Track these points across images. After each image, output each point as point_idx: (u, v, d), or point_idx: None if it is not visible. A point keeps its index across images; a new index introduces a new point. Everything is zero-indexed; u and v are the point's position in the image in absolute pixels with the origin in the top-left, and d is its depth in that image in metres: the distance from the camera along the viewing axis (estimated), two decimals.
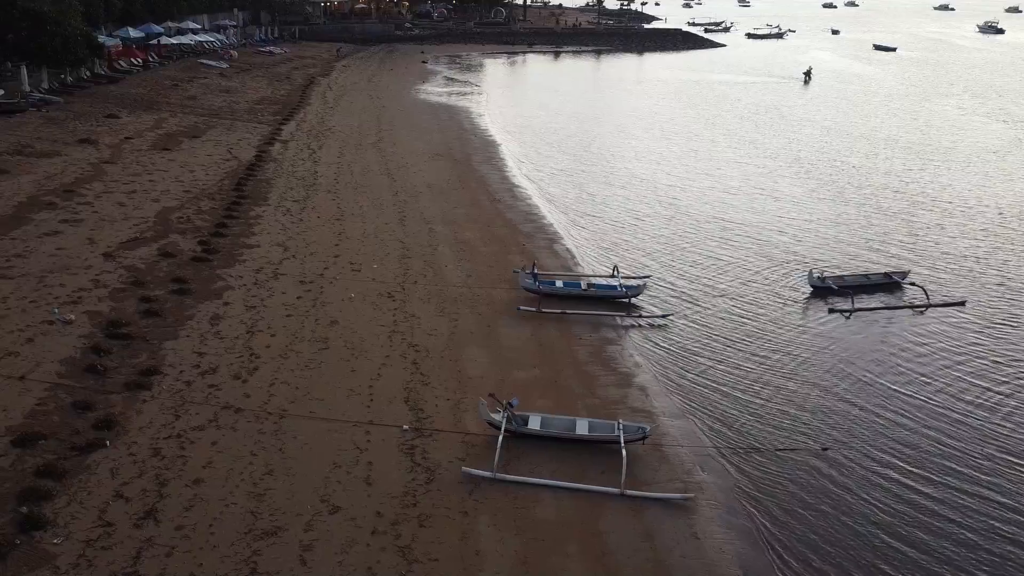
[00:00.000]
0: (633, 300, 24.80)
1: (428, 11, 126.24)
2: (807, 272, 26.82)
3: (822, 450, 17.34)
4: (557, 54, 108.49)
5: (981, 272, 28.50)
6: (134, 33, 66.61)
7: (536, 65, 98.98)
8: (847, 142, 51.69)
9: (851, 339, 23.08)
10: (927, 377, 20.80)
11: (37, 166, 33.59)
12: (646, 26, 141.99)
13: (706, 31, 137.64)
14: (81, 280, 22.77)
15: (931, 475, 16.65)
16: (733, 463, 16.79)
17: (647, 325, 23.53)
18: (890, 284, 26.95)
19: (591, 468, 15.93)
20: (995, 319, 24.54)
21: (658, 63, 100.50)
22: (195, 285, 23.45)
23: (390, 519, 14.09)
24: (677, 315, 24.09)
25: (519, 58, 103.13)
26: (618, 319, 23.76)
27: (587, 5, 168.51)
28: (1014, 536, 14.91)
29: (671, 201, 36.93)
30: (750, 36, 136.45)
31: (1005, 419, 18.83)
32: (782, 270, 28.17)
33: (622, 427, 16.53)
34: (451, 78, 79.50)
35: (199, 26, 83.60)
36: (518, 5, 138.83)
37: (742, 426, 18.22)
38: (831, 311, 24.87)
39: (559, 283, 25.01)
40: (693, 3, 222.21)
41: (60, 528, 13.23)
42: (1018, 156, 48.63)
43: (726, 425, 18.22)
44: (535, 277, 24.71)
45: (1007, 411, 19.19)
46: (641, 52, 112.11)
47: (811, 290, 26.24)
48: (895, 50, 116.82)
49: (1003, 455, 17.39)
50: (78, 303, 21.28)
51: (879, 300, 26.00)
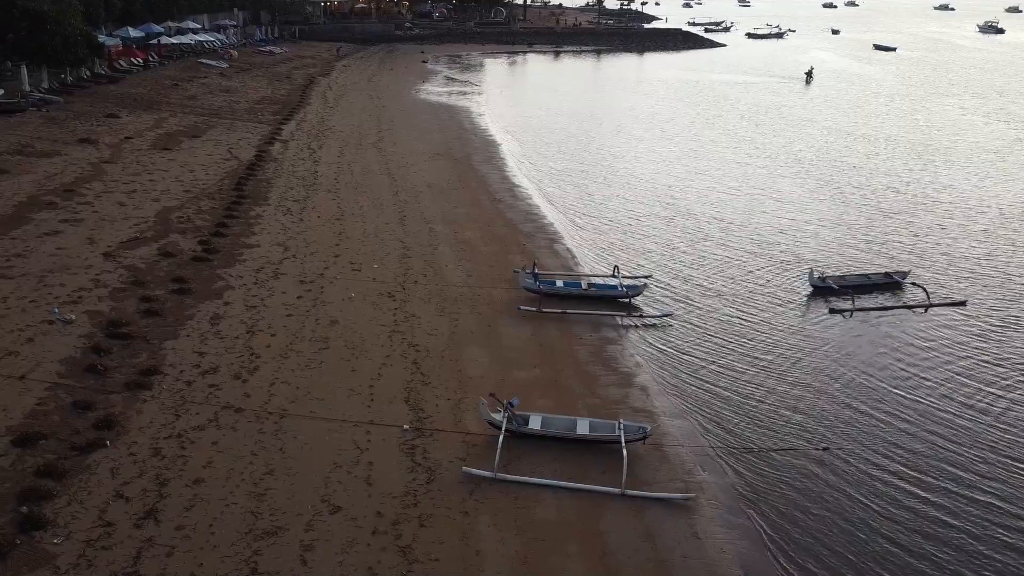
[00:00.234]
0: (633, 300, 24.80)
1: (428, 11, 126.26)
2: (807, 272, 26.81)
3: (823, 450, 17.33)
4: (557, 54, 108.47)
5: (982, 272, 28.49)
6: (134, 33, 66.63)
7: (536, 65, 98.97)
8: (847, 142, 51.68)
9: (851, 339, 23.08)
10: (927, 377, 20.78)
11: (37, 166, 33.58)
12: (646, 26, 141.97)
13: (706, 31, 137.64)
14: (81, 280, 22.76)
15: (931, 475, 16.64)
16: (734, 463, 16.78)
17: (648, 325, 23.52)
18: (891, 284, 26.95)
19: (592, 468, 15.92)
20: (996, 319, 24.54)
21: (658, 63, 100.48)
22: (195, 285, 23.44)
23: (391, 519, 14.08)
24: (677, 315, 24.09)
25: (519, 58, 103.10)
26: (618, 319, 23.76)
27: (587, 5, 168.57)
28: (1014, 538, 14.89)
29: (671, 201, 36.92)
30: (750, 36, 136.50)
31: (1006, 420, 18.81)
32: (782, 270, 28.17)
33: (623, 427, 16.53)
34: (451, 78, 79.48)
35: (199, 26, 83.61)
36: (518, 5, 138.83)
37: (743, 426, 18.20)
38: (831, 311, 24.87)
39: (559, 283, 25.01)
40: (693, 3, 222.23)
41: (60, 528, 13.22)
42: (1019, 156, 48.62)
43: (727, 425, 18.21)
44: (535, 277, 24.71)
45: (1008, 412, 19.17)
46: (641, 52, 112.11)
47: (811, 290, 26.24)
48: (895, 50, 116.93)
49: (1003, 456, 17.37)
50: (78, 303, 21.27)
51: (880, 300, 25.99)
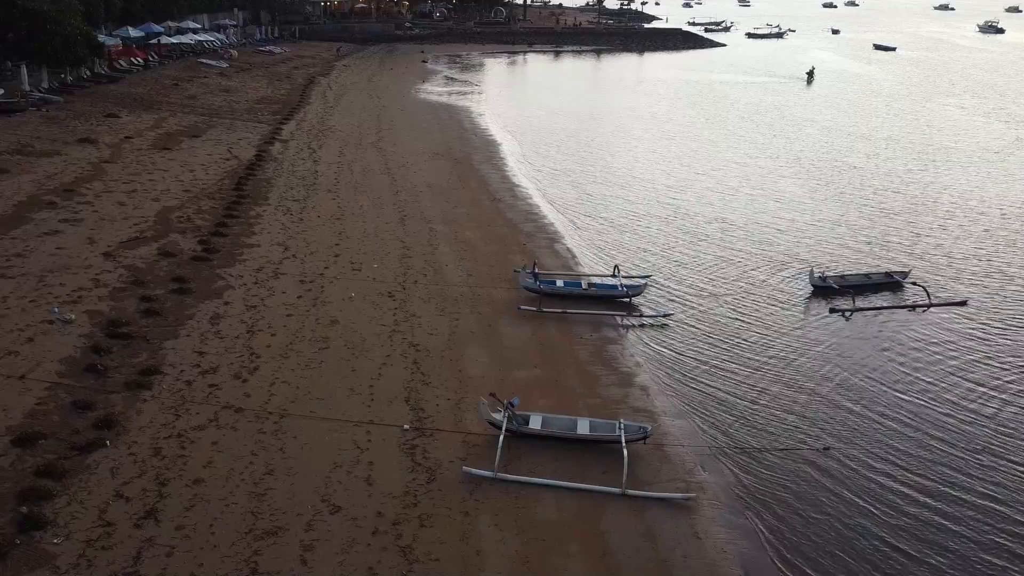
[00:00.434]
0: (634, 300, 24.79)
1: (428, 11, 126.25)
2: (808, 272, 26.80)
3: (823, 450, 17.31)
4: (557, 54, 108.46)
5: (983, 272, 28.47)
6: (134, 32, 66.62)
7: (536, 65, 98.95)
8: (848, 142, 51.65)
9: (852, 339, 23.05)
10: (928, 377, 20.77)
11: (37, 165, 33.56)
12: (646, 26, 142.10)
13: (706, 31, 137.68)
14: (81, 279, 22.74)
15: (931, 475, 16.62)
16: (734, 463, 16.77)
17: (648, 325, 23.50)
18: (891, 284, 26.93)
19: (592, 468, 15.91)
20: (997, 319, 24.51)
21: (658, 63, 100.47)
22: (195, 284, 23.42)
23: (391, 519, 14.06)
24: (678, 315, 24.07)
25: (519, 58, 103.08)
26: (619, 319, 23.74)
27: (587, 5, 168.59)
28: (1013, 540, 14.86)
29: (671, 201, 36.89)
30: (750, 36, 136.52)
31: (1006, 420, 18.79)
32: (783, 270, 28.14)
33: (623, 427, 16.52)
34: (451, 77, 79.46)
35: (199, 25, 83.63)
36: (518, 5, 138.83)
37: (743, 425, 18.19)
38: (832, 311, 24.86)
39: (560, 283, 24.99)
40: (693, 3, 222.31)
41: (60, 528, 13.20)
42: (1019, 156, 48.59)
43: (727, 424, 18.20)
44: (536, 277, 24.70)
45: (1008, 412, 19.15)
46: (641, 52, 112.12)
47: (812, 290, 26.22)
48: (895, 50, 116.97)
49: (1004, 456, 17.36)
50: (78, 302, 21.26)
51: (880, 300, 25.97)
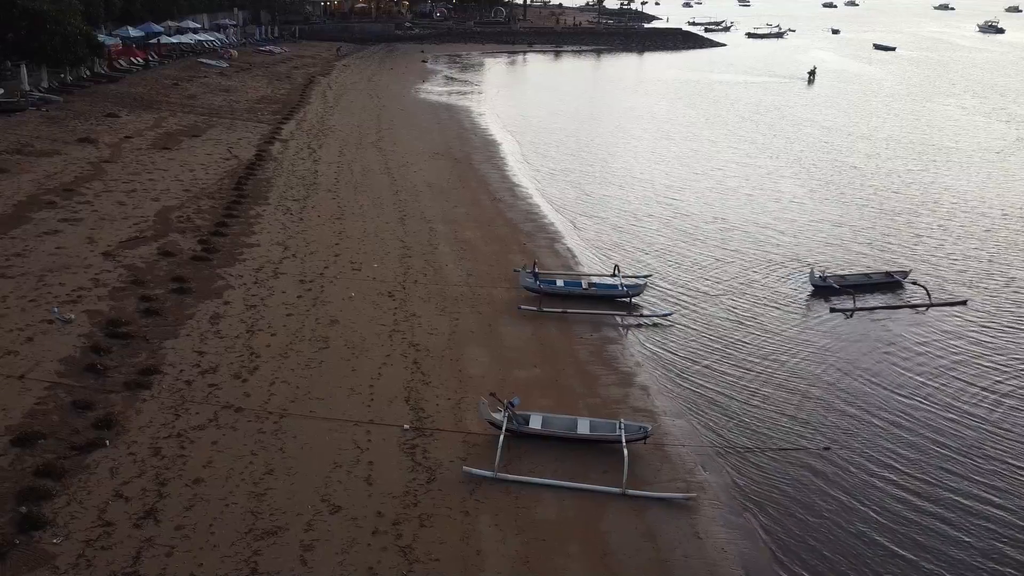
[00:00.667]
0: (634, 299, 24.76)
1: (428, 10, 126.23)
2: (808, 271, 26.78)
3: (824, 450, 17.29)
4: (557, 54, 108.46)
5: (983, 272, 28.45)
6: (134, 32, 66.58)
7: (536, 64, 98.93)
8: (848, 142, 51.64)
9: (852, 338, 23.03)
10: (928, 377, 20.75)
11: (37, 165, 33.53)
12: (646, 26, 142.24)
13: (706, 31, 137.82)
14: (81, 279, 22.72)
15: (932, 476, 16.60)
16: (735, 462, 16.75)
17: (648, 324, 23.48)
18: (892, 283, 26.91)
19: (592, 468, 15.89)
20: (997, 319, 24.49)
21: (658, 63, 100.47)
22: (195, 284, 23.40)
23: (391, 519, 14.05)
24: (678, 314, 24.05)
25: (519, 57, 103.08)
26: (619, 318, 23.73)
27: (587, 5, 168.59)
28: (1012, 541, 14.84)
29: (671, 201, 36.87)
30: (750, 36, 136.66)
31: (1006, 420, 18.78)
32: (783, 269, 28.13)
33: (623, 426, 16.50)
34: (451, 77, 79.45)
35: (199, 25, 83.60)
36: (518, 5, 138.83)
37: (744, 425, 18.17)
38: (832, 310, 24.84)
39: (560, 282, 24.97)
40: (693, 3, 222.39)
41: (60, 528, 13.18)
42: (1020, 156, 48.58)
43: (728, 424, 18.18)
44: (536, 276, 24.68)
45: (1008, 412, 19.13)
46: (641, 52, 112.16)
47: (812, 289, 26.21)
48: (895, 49, 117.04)
49: (1004, 456, 17.34)
50: (78, 302, 21.23)
51: (881, 299, 25.96)
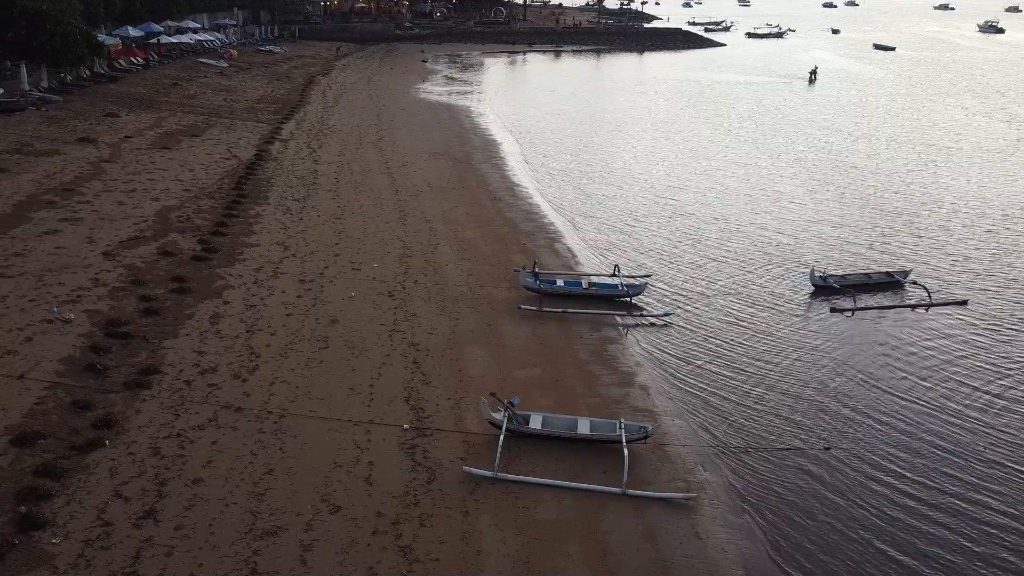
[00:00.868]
0: (634, 299, 24.76)
1: (428, 10, 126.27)
2: (809, 271, 26.77)
3: (824, 449, 17.28)
4: (557, 53, 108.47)
5: (984, 272, 28.43)
6: (134, 32, 66.57)
7: (536, 64, 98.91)
8: (848, 142, 51.61)
9: (852, 338, 23.01)
10: (929, 377, 20.73)
11: (36, 165, 33.51)
12: (646, 25, 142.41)
13: (706, 30, 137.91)
14: (80, 279, 22.70)
15: (932, 476, 16.59)
16: (735, 462, 16.74)
17: (648, 324, 23.47)
18: (892, 283, 26.89)
19: (593, 468, 15.88)
20: (998, 319, 24.47)
21: (658, 62, 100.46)
22: (195, 284, 23.39)
23: (391, 519, 14.03)
24: (678, 314, 24.03)
25: (519, 57, 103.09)
26: (619, 318, 23.72)
27: (587, 4, 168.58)
28: (1012, 541, 14.82)
29: (671, 201, 36.86)
30: (750, 35, 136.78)
31: (1006, 420, 18.76)
32: (783, 269, 28.11)
33: (623, 426, 16.50)
34: (451, 77, 79.44)
35: (199, 25, 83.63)
36: (518, 4, 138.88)
37: (744, 425, 18.15)
38: (833, 310, 24.83)
39: (560, 282, 24.96)
40: (693, 2, 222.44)
41: (59, 528, 13.17)
42: (1020, 156, 48.55)
43: (728, 424, 18.17)
44: (536, 276, 24.67)
45: (1008, 412, 19.12)
46: (641, 52, 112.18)
47: (813, 289, 26.20)
48: (895, 49, 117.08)
49: (1004, 457, 17.33)
50: (77, 302, 21.22)
51: (881, 299, 25.94)
